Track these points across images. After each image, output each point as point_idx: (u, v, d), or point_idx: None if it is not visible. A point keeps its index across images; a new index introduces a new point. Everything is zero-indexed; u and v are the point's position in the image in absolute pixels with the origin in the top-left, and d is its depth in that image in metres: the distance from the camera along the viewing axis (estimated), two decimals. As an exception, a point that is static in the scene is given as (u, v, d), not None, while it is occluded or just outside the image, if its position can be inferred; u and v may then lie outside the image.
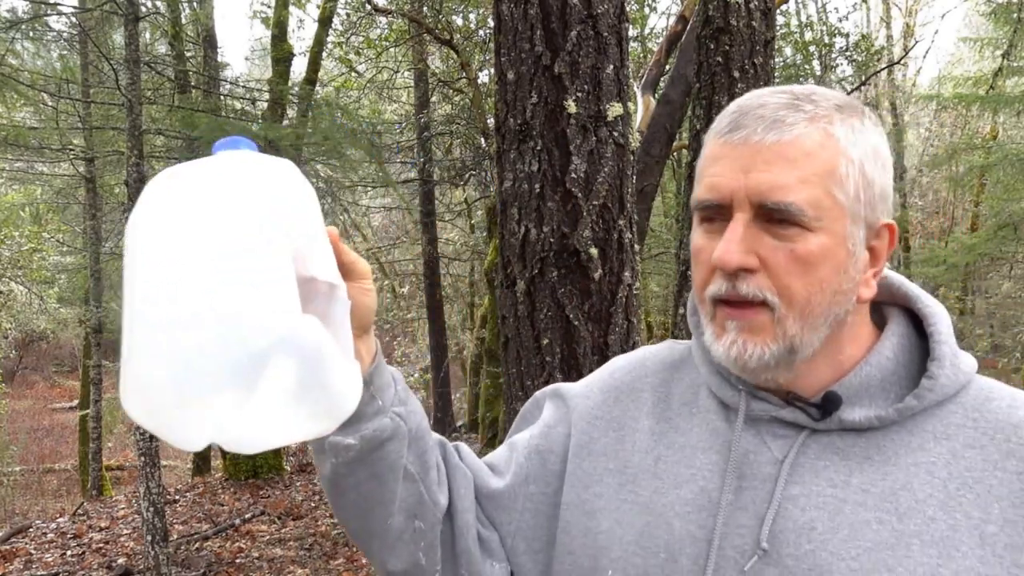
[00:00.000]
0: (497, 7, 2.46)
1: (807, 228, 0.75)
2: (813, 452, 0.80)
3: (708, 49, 3.25)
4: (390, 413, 0.84)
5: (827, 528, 0.76)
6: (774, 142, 0.76)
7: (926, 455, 0.76)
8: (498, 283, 2.48)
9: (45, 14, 6.78)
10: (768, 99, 0.78)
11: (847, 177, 0.77)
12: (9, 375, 18.84)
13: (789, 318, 0.76)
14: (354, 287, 0.79)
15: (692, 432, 0.87)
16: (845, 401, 0.79)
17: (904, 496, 0.75)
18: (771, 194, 0.75)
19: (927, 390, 0.78)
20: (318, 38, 9.31)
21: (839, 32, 9.99)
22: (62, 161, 9.59)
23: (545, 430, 0.97)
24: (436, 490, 0.89)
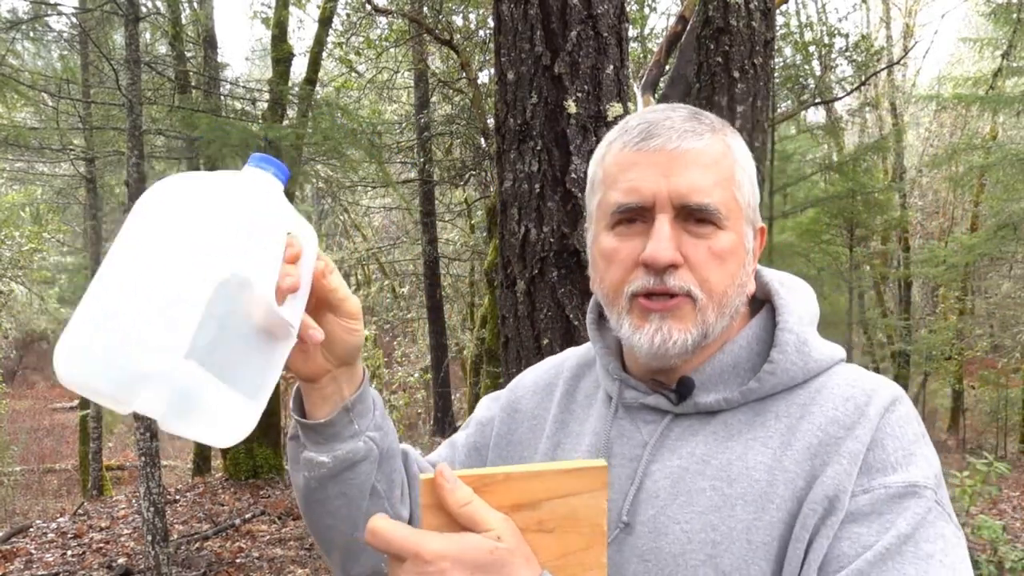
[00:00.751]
0: (497, 7, 2.46)
1: (720, 227, 0.83)
2: (675, 434, 0.88)
3: (708, 49, 3.25)
4: (364, 437, 0.89)
5: (668, 495, 0.84)
6: (689, 149, 0.83)
7: (765, 431, 0.84)
8: (498, 283, 2.48)
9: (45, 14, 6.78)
10: (671, 114, 0.86)
11: (742, 183, 0.86)
12: (9, 375, 18.85)
13: (709, 308, 0.84)
14: (339, 324, 0.83)
15: (587, 421, 0.96)
16: (699, 386, 0.87)
17: (737, 465, 0.82)
18: (692, 195, 0.82)
19: (768, 374, 0.85)
20: (318, 38, 9.31)
21: (839, 32, 9.99)
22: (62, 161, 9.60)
23: (479, 427, 1.07)
24: (400, 505, 0.95)
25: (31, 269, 11.27)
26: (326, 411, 0.88)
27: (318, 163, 8.37)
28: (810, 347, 0.86)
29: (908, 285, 14.33)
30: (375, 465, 0.90)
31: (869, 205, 10.95)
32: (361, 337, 0.85)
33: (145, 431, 5.07)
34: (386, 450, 0.92)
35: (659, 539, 0.82)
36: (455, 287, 14.80)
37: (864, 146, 11.36)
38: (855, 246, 12.10)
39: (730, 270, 0.84)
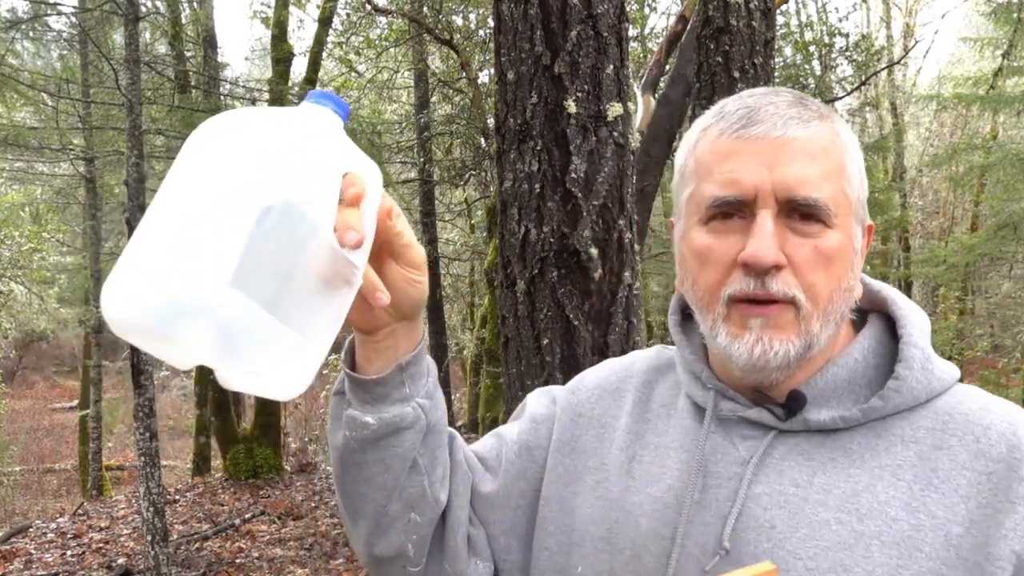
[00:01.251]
0: (497, 7, 2.46)
1: (828, 225, 0.75)
2: (779, 453, 0.79)
3: (708, 49, 3.25)
4: (414, 402, 0.82)
5: (786, 527, 0.75)
6: (795, 137, 0.75)
7: (892, 458, 0.75)
8: (498, 283, 2.48)
9: (45, 14, 6.78)
10: (773, 98, 0.78)
11: (852, 176, 0.77)
12: (9, 375, 18.85)
13: (814, 316, 0.75)
14: (401, 274, 0.76)
15: (668, 433, 0.87)
16: (811, 401, 0.78)
17: (866, 497, 0.74)
18: (799, 189, 0.73)
19: (893, 391, 0.76)
20: (318, 38, 9.31)
21: (839, 32, 9.99)
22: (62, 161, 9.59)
23: (533, 425, 0.97)
24: (439, 487, 0.88)
25: (31, 269, 11.26)
26: (378, 367, 0.81)
27: (318, 163, 8.35)
28: (933, 364, 0.78)
29: (908, 285, 14.34)
30: (420, 436, 0.84)
31: (869, 205, 10.80)
32: (424, 291, 0.78)
33: (145, 431, 5.07)
34: (434, 423, 0.85)
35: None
36: (455, 287, 14.81)
37: (864, 146, 11.35)
38: (855, 246, 12.07)
39: (837, 273, 0.76)
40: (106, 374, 9.83)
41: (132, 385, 5.42)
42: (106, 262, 9.41)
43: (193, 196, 0.61)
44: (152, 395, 5.37)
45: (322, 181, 0.65)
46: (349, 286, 0.68)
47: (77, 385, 15.15)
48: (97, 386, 9.79)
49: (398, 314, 0.79)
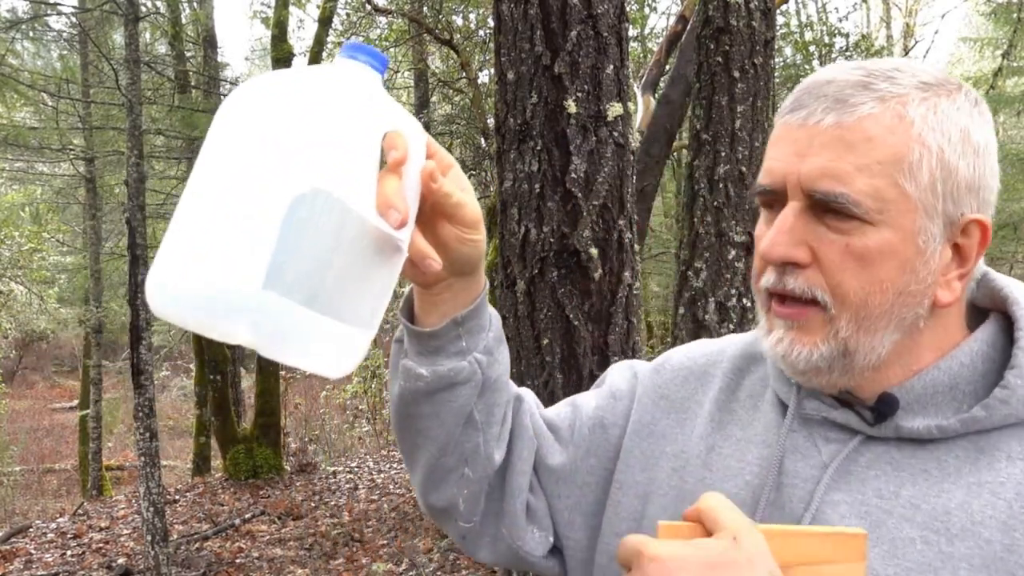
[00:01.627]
0: (497, 7, 2.46)
1: (867, 221, 0.68)
2: (865, 460, 0.73)
3: (708, 49, 3.25)
4: (470, 357, 0.80)
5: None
6: (832, 124, 0.68)
7: (994, 475, 0.68)
8: (498, 283, 2.48)
9: (45, 14, 6.78)
10: (838, 75, 0.71)
11: (919, 165, 0.68)
12: (9, 375, 18.85)
13: (842, 319, 0.70)
14: (455, 233, 0.73)
15: (751, 426, 0.82)
16: (904, 407, 0.72)
17: (958, 516, 0.67)
18: (821, 182, 0.68)
19: (999, 401, 0.68)
20: (318, 38, 9.31)
21: (839, 32, 10.00)
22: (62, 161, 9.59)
23: (611, 401, 0.93)
24: (494, 445, 0.86)
25: (31, 269, 11.27)
26: (434, 319, 0.79)
27: (318, 163, 8.35)
28: None
29: (908, 285, 14.34)
30: (476, 391, 0.81)
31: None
32: (481, 248, 0.75)
33: (145, 431, 5.07)
34: (493, 379, 0.83)
35: None
36: (455, 287, 14.79)
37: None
38: (855, 246, 12.10)
39: (878, 275, 0.69)
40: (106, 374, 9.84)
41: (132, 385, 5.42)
42: (106, 262, 9.41)
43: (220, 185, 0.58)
44: (152, 395, 5.38)
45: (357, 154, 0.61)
46: (397, 256, 0.66)
47: (77, 385, 15.15)
48: (97, 386, 9.79)
49: (454, 270, 0.76)
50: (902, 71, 0.71)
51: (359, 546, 6.55)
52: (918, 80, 0.70)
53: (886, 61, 0.72)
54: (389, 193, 0.62)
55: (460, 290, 0.78)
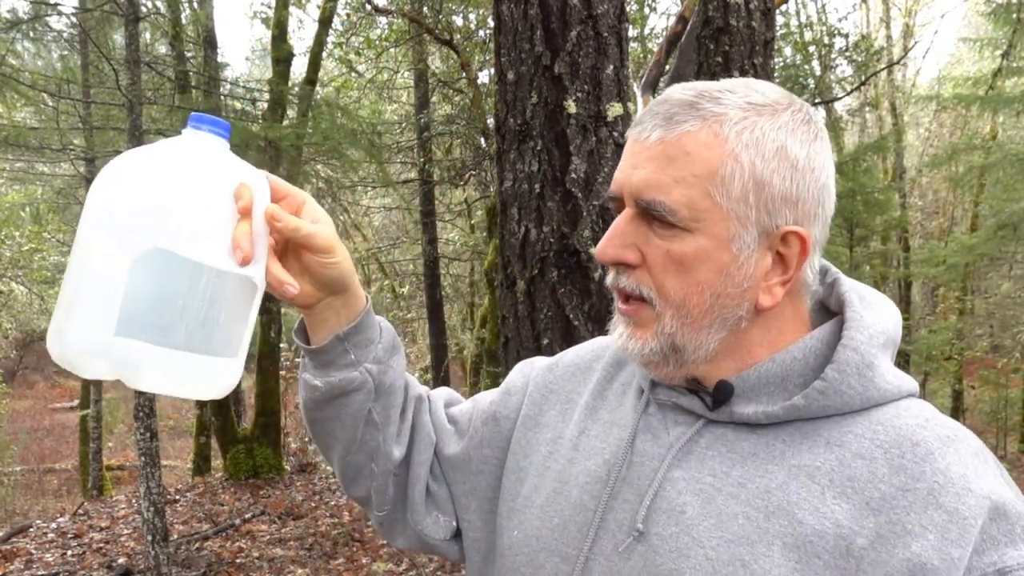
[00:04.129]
0: (497, 7, 2.46)
1: (684, 229, 0.75)
2: (705, 441, 0.80)
3: (708, 49, 3.25)
4: (361, 368, 0.89)
5: (696, 514, 0.76)
6: (657, 140, 0.75)
7: (812, 459, 0.74)
8: (498, 283, 2.48)
9: (45, 14, 6.78)
10: (673, 95, 0.77)
11: (731, 178, 0.74)
12: (9, 375, 18.84)
13: (666, 316, 0.77)
14: (312, 259, 0.82)
15: (618, 410, 0.90)
16: (739, 394, 0.79)
17: (777, 495, 0.73)
18: (644, 192, 0.75)
19: (818, 392, 0.75)
20: (318, 38, 9.30)
21: (839, 32, 10.00)
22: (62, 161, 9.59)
23: (504, 397, 1.02)
24: (393, 443, 0.95)
25: (31, 269, 11.27)
26: (320, 337, 0.89)
27: (318, 163, 8.37)
28: (875, 372, 0.76)
29: (908, 285, 14.33)
30: (370, 396, 0.91)
31: (869, 205, 10.95)
32: (341, 268, 0.83)
33: (145, 431, 5.07)
34: (388, 384, 0.92)
35: (679, 560, 0.74)
36: (455, 287, 14.81)
37: (864, 146, 11.36)
38: (855, 246, 12.11)
39: (696, 278, 0.75)
40: (106, 374, 9.81)
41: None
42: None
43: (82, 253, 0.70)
44: (152, 395, 5.38)
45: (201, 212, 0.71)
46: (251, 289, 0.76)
47: (77, 385, 15.15)
48: (97, 386, 9.78)
49: (327, 291, 0.85)
50: (733, 92, 0.77)
51: (359, 546, 6.55)
52: (745, 101, 0.76)
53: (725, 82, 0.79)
54: (236, 236, 0.73)
55: (340, 308, 0.87)
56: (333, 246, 0.82)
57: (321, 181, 8.95)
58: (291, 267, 0.83)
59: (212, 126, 0.73)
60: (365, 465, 0.96)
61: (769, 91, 0.78)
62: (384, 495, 0.98)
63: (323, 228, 0.81)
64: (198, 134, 0.73)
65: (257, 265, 0.74)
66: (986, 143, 11.59)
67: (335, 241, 0.82)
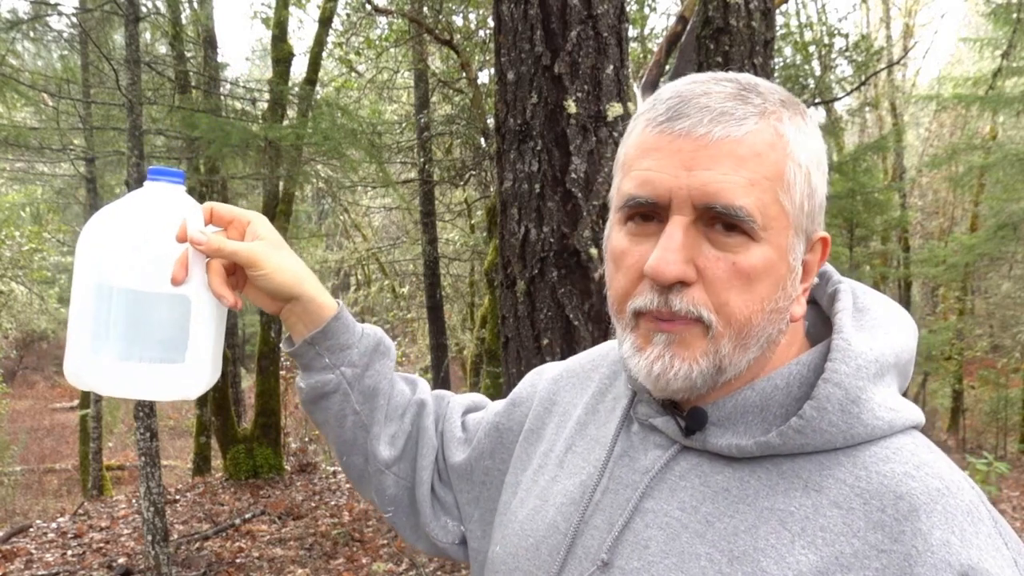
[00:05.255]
0: (497, 7, 2.46)
1: (752, 238, 0.67)
2: (680, 469, 0.74)
3: (708, 49, 3.25)
4: (337, 371, 0.94)
5: (659, 550, 0.71)
6: (722, 137, 0.66)
7: (787, 503, 0.68)
8: (498, 283, 2.48)
9: (45, 14, 6.78)
10: (712, 87, 0.69)
11: (794, 183, 0.69)
12: (9, 375, 18.84)
13: (725, 337, 0.68)
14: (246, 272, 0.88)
15: (605, 426, 0.85)
16: (714, 422, 0.72)
17: (744, 539, 0.67)
18: (719, 196, 0.66)
19: (794, 430, 0.68)
20: (318, 38, 9.30)
21: (839, 32, 10.00)
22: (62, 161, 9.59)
23: (510, 408, 1.00)
24: (380, 443, 0.98)
25: (31, 269, 11.27)
26: (296, 342, 0.95)
27: (318, 163, 8.36)
28: (861, 407, 0.68)
29: (908, 285, 14.33)
30: (349, 398, 0.95)
31: (869, 205, 10.95)
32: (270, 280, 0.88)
33: (145, 431, 5.07)
34: (367, 388, 0.96)
35: None
36: (455, 287, 14.80)
37: (864, 146, 11.36)
38: (855, 246, 12.11)
39: (760, 293, 0.68)
40: (106, 374, 9.81)
41: (132, 385, 5.40)
42: (106, 262, 9.39)
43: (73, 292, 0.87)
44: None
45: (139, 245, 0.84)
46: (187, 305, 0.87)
47: (77, 385, 15.11)
48: (97, 386, 9.76)
49: (279, 299, 0.91)
50: (764, 87, 0.71)
51: (359, 546, 6.55)
52: (779, 98, 0.71)
53: (746, 76, 0.72)
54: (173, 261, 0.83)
55: (300, 314, 0.92)
56: (257, 260, 0.86)
57: (321, 181, 8.95)
58: (239, 281, 0.90)
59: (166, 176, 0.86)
60: (362, 467, 0.99)
61: (781, 88, 0.73)
62: (383, 495, 1.00)
63: (251, 245, 0.87)
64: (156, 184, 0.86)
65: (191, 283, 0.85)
66: (986, 143, 11.60)
67: (261, 255, 0.87)
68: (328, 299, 0.93)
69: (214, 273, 0.86)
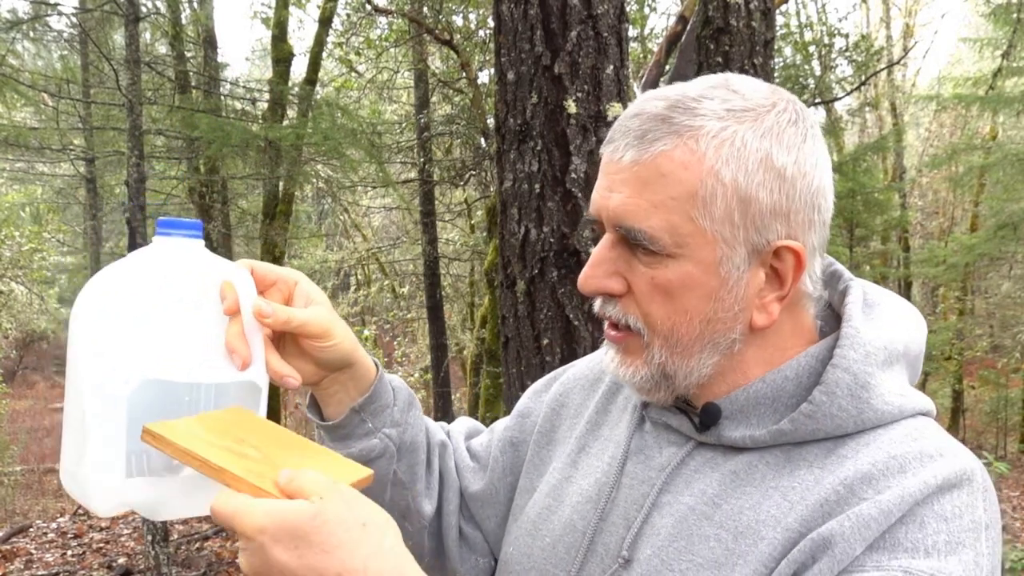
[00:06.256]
0: (497, 7, 2.46)
1: (668, 255, 0.70)
2: (695, 464, 0.76)
3: (708, 49, 3.25)
4: (380, 435, 0.87)
5: (669, 535, 0.73)
6: (631, 162, 0.70)
7: (791, 480, 0.70)
8: (498, 283, 2.48)
9: (45, 14, 6.78)
10: (646, 107, 0.72)
11: (712, 199, 0.69)
12: (9, 375, 18.84)
13: (655, 345, 0.73)
14: (309, 344, 0.79)
15: (617, 427, 0.87)
16: (728, 416, 0.75)
17: (748, 515, 0.70)
18: (624, 219, 0.70)
19: (805, 416, 0.70)
20: (318, 38, 9.30)
21: (839, 32, 9.99)
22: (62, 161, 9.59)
23: (519, 420, 1.00)
24: (423, 499, 0.93)
25: (31, 269, 11.27)
26: (336, 412, 0.87)
27: (318, 163, 8.36)
28: (871, 392, 0.70)
29: (908, 285, 14.33)
30: (392, 460, 0.89)
31: (869, 205, 10.95)
32: (339, 350, 0.80)
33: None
34: (408, 443, 0.90)
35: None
36: (455, 287, 14.80)
37: (864, 146, 11.36)
38: (855, 246, 12.11)
39: (683, 305, 0.71)
40: (106, 374, 9.81)
41: (132, 385, 5.40)
42: (106, 262, 9.40)
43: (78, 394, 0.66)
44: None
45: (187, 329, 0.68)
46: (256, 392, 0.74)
47: (77, 385, 15.12)
48: (97, 386, 9.76)
49: (330, 369, 0.83)
50: (710, 98, 0.71)
51: (359, 546, 6.56)
52: (724, 108, 0.70)
53: (702, 84, 0.73)
54: (230, 340, 0.71)
55: (347, 381, 0.85)
56: (328, 330, 0.79)
57: (321, 181, 8.95)
58: (290, 351, 0.80)
59: (182, 229, 0.70)
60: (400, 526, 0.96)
61: (751, 91, 0.72)
62: (420, 548, 0.95)
63: (316, 312, 0.78)
64: (169, 240, 0.70)
65: (256, 364, 0.73)
66: (986, 143, 11.59)
67: (330, 324, 0.79)
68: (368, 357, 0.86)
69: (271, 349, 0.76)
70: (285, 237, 8.94)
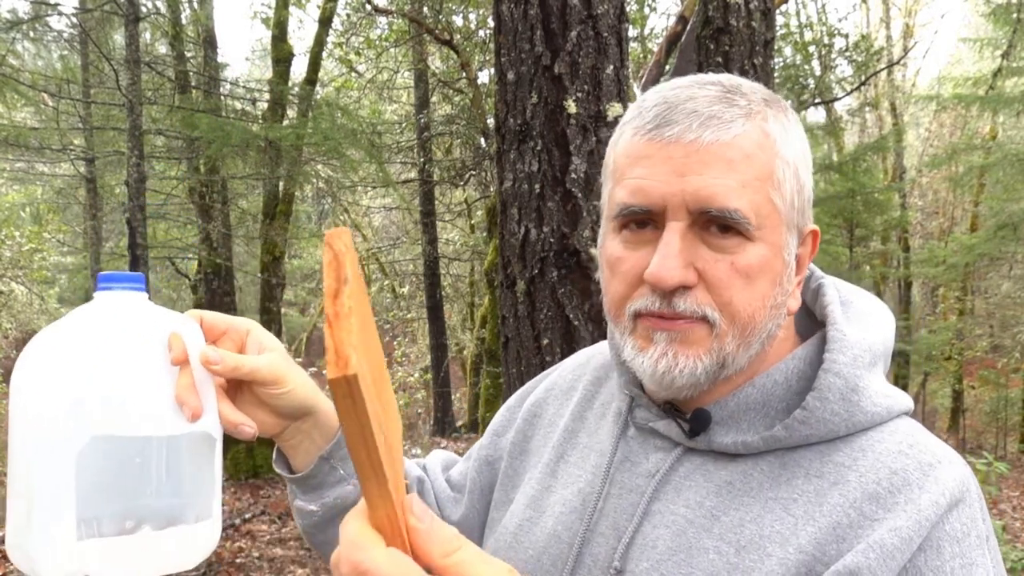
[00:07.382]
0: (497, 7, 2.46)
1: (747, 238, 0.68)
2: (684, 470, 0.74)
3: (708, 49, 3.25)
4: (353, 480, 0.84)
5: (667, 548, 0.71)
6: (712, 141, 0.67)
7: (790, 491, 0.69)
8: (498, 283, 2.48)
9: (45, 14, 6.78)
10: (697, 92, 0.70)
11: (784, 181, 0.70)
12: (9, 375, 18.83)
13: (729, 335, 0.70)
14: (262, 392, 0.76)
15: (597, 433, 0.84)
16: (718, 421, 0.73)
17: (750, 528, 0.68)
18: (714, 200, 0.67)
19: (799, 422, 0.69)
20: (318, 38, 9.31)
21: (839, 32, 10.00)
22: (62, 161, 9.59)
23: (493, 439, 0.98)
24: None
25: (31, 269, 11.27)
26: (304, 463, 0.84)
27: (318, 163, 8.37)
28: (861, 395, 0.70)
29: (908, 285, 14.34)
30: None
31: (869, 205, 10.95)
32: (294, 396, 0.77)
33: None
34: None
35: None
36: (455, 287, 14.81)
37: (864, 146, 11.36)
38: (855, 246, 12.11)
39: (760, 290, 0.69)
40: (106, 374, 9.80)
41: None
42: (106, 262, 9.41)
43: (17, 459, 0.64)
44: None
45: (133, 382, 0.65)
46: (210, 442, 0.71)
47: (77, 385, 15.10)
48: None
49: (290, 418, 0.80)
50: (747, 86, 0.71)
51: (359, 546, 6.55)
52: (762, 96, 0.71)
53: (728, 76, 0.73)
54: (179, 391, 0.68)
55: (311, 430, 0.82)
56: (282, 376, 0.76)
57: (321, 181, 8.95)
58: (246, 400, 0.77)
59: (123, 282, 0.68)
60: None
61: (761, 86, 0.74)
62: None
63: (268, 359, 0.75)
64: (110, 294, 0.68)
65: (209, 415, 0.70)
66: (986, 143, 11.60)
67: (282, 370, 0.76)
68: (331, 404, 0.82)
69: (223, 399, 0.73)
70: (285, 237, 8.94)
